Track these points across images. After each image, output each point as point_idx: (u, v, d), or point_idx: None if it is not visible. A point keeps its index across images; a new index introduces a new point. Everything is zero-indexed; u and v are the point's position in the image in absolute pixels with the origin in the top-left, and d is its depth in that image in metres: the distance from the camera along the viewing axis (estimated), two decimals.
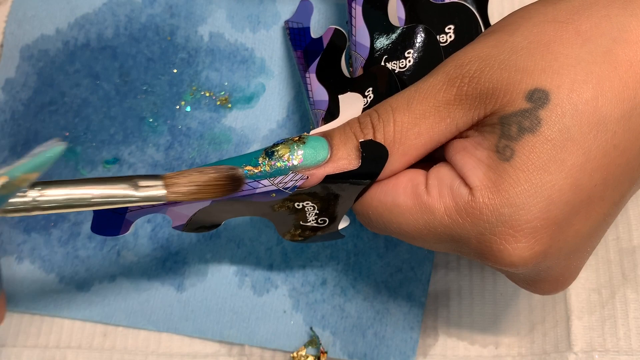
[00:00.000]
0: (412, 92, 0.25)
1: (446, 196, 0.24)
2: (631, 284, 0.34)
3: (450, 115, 0.24)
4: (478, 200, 0.23)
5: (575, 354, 0.33)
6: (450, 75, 0.24)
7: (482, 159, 0.24)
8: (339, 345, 0.35)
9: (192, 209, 0.27)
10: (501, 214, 0.23)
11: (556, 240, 0.24)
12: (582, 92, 0.22)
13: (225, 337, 0.35)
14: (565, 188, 0.23)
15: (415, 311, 0.35)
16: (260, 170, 0.25)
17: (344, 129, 0.26)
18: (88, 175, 0.37)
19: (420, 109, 0.25)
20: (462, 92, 0.24)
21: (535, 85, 0.23)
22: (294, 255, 0.36)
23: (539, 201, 0.23)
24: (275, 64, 0.39)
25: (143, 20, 0.39)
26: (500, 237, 0.23)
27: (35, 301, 0.36)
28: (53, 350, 0.35)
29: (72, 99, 0.38)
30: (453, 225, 0.24)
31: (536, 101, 0.22)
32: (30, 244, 0.37)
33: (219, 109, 0.38)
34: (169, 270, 0.36)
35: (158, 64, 0.39)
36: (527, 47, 0.23)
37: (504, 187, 0.23)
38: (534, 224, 0.23)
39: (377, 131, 0.25)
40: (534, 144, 0.22)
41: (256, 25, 0.39)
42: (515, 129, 0.23)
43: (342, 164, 0.25)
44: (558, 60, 0.23)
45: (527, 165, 0.23)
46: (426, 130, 0.25)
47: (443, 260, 0.36)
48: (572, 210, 0.23)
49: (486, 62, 0.24)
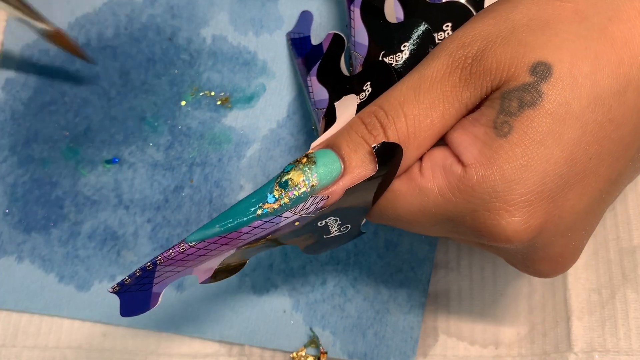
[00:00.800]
0: (415, 80, 0.25)
1: (439, 176, 0.24)
2: (631, 284, 0.34)
3: (458, 98, 0.24)
4: (472, 177, 0.23)
5: (576, 354, 0.33)
6: (453, 56, 0.24)
7: (478, 136, 0.24)
8: (339, 345, 0.35)
9: (217, 261, 0.26)
10: (495, 189, 0.23)
11: (551, 215, 0.24)
12: (581, 66, 0.23)
13: (225, 337, 0.35)
14: (560, 161, 0.23)
15: (415, 311, 0.35)
16: (280, 205, 0.23)
17: (350, 134, 0.25)
18: (88, 176, 0.37)
19: (429, 99, 0.24)
20: (467, 72, 0.24)
21: (539, 59, 0.23)
22: (294, 255, 0.36)
23: (534, 175, 0.23)
24: (276, 66, 0.39)
25: (144, 20, 0.39)
26: (494, 212, 0.23)
27: (35, 301, 0.36)
28: (53, 350, 0.35)
29: (72, 99, 0.38)
30: (447, 205, 0.24)
31: (539, 74, 0.22)
32: (30, 244, 0.37)
33: (219, 109, 0.38)
34: None
35: (158, 64, 0.39)
36: (528, 24, 0.23)
37: (499, 163, 0.23)
38: (528, 197, 0.23)
39: (388, 129, 0.24)
40: (533, 118, 0.23)
41: (259, 29, 0.39)
42: (516, 104, 0.23)
43: (358, 173, 0.24)
44: (558, 35, 0.23)
45: (524, 140, 0.23)
46: (438, 119, 0.24)
47: (443, 260, 0.36)
48: (567, 184, 0.23)
49: (488, 39, 0.24)
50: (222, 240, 0.24)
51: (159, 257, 0.24)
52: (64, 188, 0.37)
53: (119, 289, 0.25)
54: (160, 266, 0.24)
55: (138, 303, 0.26)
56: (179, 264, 0.25)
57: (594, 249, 0.35)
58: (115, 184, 0.37)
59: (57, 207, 0.37)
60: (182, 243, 0.24)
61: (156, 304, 0.27)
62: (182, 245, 0.24)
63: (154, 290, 0.26)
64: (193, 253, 0.24)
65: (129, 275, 0.24)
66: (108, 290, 0.25)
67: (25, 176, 0.38)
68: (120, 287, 0.25)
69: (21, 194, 0.37)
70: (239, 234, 0.24)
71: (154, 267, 0.24)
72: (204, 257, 0.25)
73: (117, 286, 0.25)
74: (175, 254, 0.24)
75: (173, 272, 0.25)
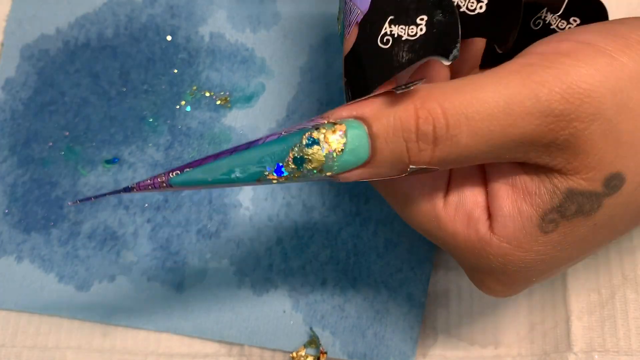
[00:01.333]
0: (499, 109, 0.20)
1: (461, 222, 0.23)
2: (631, 284, 0.34)
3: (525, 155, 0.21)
4: (494, 246, 0.23)
5: (575, 354, 0.33)
6: (554, 110, 0.19)
7: (522, 214, 0.22)
8: (339, 345, 0.35)
9: None
10: (508, 269, 0.23)
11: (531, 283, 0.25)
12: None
13: (225, 337, 0.35)
14: (573, 258, 0.24)
15: (415, 311, 0.35)
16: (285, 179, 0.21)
17: (394, 127, 0.20)
18: (88, 176, 0.37)
19: (500, 140, 0.20)
20: (554, 137, 0.20)
21: (619, 169, 0.20)
22: (294, 255, 0.36)
23: (547, 269, 0.23)
24: (275, 64, 0.39)
25: (143, 20, 0.39)
26: (495, 279, 0.24)
27: (35, 301, 0.36)
28: (52, 350, 0.35)
29: (72, 99, 0.38)
30: (455, 245, 0.24)
31: (611, 188, 0.21)
32: (30, 244, 0.37)
33: (219, 109, 0.38)
34: (168, 270, 0.36)
35: (158, 64, 0.39)
36: (633, 131, 0.20)
37: (525, 253, 0.23)
38: (529, 280, 0.24)
39: (438, 150, 0.20)
40: (579, 225, 0.22)
41: (256, 26, 0.39)
42: (574, 209, 0.21)
43: (381, 172, 0.21)
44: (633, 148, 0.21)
45: (559, 242, 0.22)
46: (491, 159, 0.21)
47: (443, 260, 0.36)
48: (559, 270, 0.24)
49: (598, 112, 0.20)
50: (204, 187, 0.22)
51: (134, 186, 0.22)
52: (63, 188, 0.37)
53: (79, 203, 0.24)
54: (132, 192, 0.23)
55: None
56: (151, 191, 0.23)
57: None
58: (115, 184, 0.37)
59: (57, 207, 0.37)
60: (163, 182, 0.22)
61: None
62: (163, 184, 0.22)
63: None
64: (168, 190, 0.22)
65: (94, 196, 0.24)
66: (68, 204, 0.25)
67: (25, 176, 0.38)
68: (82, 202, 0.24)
69: (21, 194, 0.37)
70: (224, 185, 0.22)
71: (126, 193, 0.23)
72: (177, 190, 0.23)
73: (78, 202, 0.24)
74: (152, 187, 0.22)
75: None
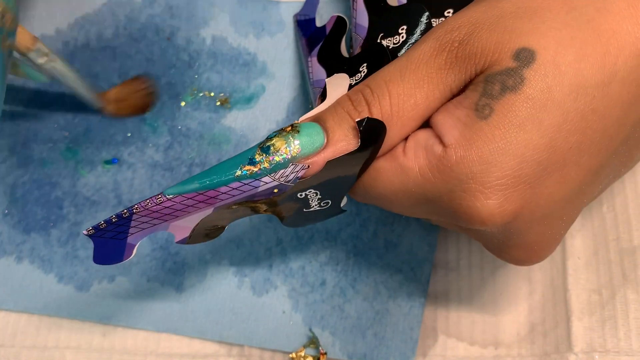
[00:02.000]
0: (403, 62, 0.25)
1: (421, 156, 0.25)
2: (631, 284, 0.34)
3: (443, 80, 0.24)
4: (451, 157, 0.23)
5: (576, 354, 0.33)
6: (440, 40, 0.24)
7: (460, 118, 0.24)
8: (339, 345, 0.35)
9: (194, 220, 0.26)
10: (472, 171, 0.23)
11: (527, 201, 0.24)
12: (566, 54, 0.23)
13: (225, 337, 0.35)
14: (539, 147, 0.23)
15: (415, 311, 0.35)
16: (259, 168, 0.24)
17: (336, 109, 0.25)
18: (88, 176, 0.37)
19: (414, 79, 0.25)
20: (453, 55, 0.24)
21: (523, 45, 0.23)
22: (294, 256, 0.36)
23: (511, 158, 0.23)
24: (276, 67, 0.39)
25: (143, 20, 0.39)
26: (470, 193, 0.23)
27: (34, 301, 0.36)
28: (52, 350, 0.35)
29: (71, 99, 0.38)
30: (425, 184, 0.24)
31: (522, 60, 0.23)
32: (29, 244, 0.37)
33: (219, 110, 0.38)
34: (168, 270, 0.36)
35: (158, 65, 0.39)
36: (516, 12, 0.24)
37: (478, 145, 0.23)
38: (504, 181, 0.23)
39: (373, 106, 0.25)
40: (513, 102, 0.23)
41: (260, 32, 0.39)
42: (498, 87, 0.23)
43: (340, 146, 0.25)
44: (545, 23, 0.23)
45: (504, 123, 0.23)
46: (422, 100, 0.25)
47: (443, 260, 0.36)
48: (545, 171, 0.23)
49: (476, 25, 0.24)
50: (200, 197, 0.24)
51: (136, 205, 0.24)
52: (63, 188, 0.37)
53: (93, 232, 0.25)
54: (136, 215, 0.24)
55: (112, 252, 0.26)
56: (155, 215, 0.25)
57: (594, 249, 0.35)
58: (115, 185, 0.37)
59: (56, 208, 0.37)
60: (160, 195, 0.24)
61: (130, 255, 0.27)
62: (160, 197, 0.24)
63: (128, 241, 0.26)
64: (170, 206, 0.24)
65: (104, 220, 0.25)
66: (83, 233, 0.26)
67: (25, 176, 0.38)
68: (95, 231, 0.25)
69: (21, 195, 0.37)
70: (217, 193, 0.24)
71: (130, 216, 0.24)
72: (181, 212, 0.25)
73: (92, 229, 0.25)
74: (152, 205, 0.24)
75: (149, 224, 0.25)
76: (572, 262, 0.35)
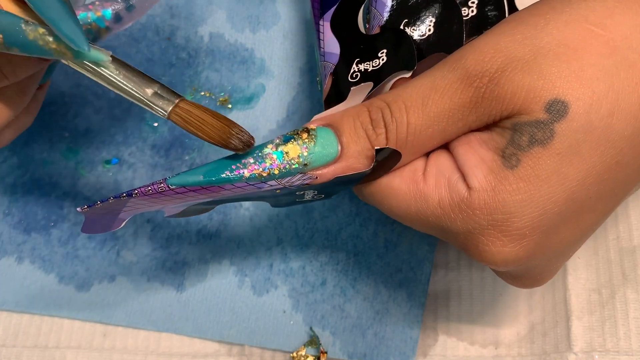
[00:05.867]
0: (427, 88, 0.24)
1: (442, 188, 0.24)
2: (631, 284, 0.34)
3: (464, 119, 0.24)
4: (474, 201, 0.23)
5: (575, 354, 0.33)
6: (470, 72, 0.23)
7: (485, 160, 0.23)
8: (339, 345, 0.35)
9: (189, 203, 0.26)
10: (494, 218, 0.23)
11: (541, 247, 0.24)
12: (599, 108, 0.22)
13: (225, 337, 0.35)
14: (560, 200, 0.23)
15: (415, 311, 0.35)
16: (269, 174, 0.24)
17: (355, 124, 0.25)
18: (88, 176, 0.37)
19: (435, 111, 0.24)
20: (480, 94, 0.23)
21: (556, 96, 0.22)
22: (294, 256, 0.36)
23: (533, 211, 0.23)
24: (275, 65, 0.39)
25: (143, 20, 0.39)
26: (487, 238, 0.24)
27: (35, 301, 0.36)
28: (53, 350, 0.35)
29: (72, 99, 0.38)
30: (444, 217, 0.24)
31: (554, 113, 0.22)
32: (30, 244, 0.37)
33: (219, 110, 0.38)
34: (168, 270, 0.36)
35: (157, 64, 0.39)
36: (555, 51, 0.23)
37: (502, 195, 0.23)
38: (523, 230, 0.23)
39: (390, 132, 0.24)
40: (541, 156, 0.22)
41: (256, 26, 0.39)
42: (527, 139, 0.22)
43: (351, 162, 0.24)
44: (583, 70, 0.22)
45: (530, 177, 0.23)
46: (439, 133, 0.24)
47: (443, 260, 0.36)
48: (562, 220, 0.23)
49: (509, 60, 0.23)
50: (202, 191, 0.24)
51: (136, 191, 0.24)
52: (63, 188, 0.37)
53: (88, 210, 0.25)
54: (134, 198, 0.24)
55: (102, 224, 0.26)
56: (153, 200, 0.25)
57: (594, 249, 0.35)
58: (115, 185, 0.37)
59: (57, 208, 0.37)
60: (162, 183, 0.24)
61: (119, 226, 0.27)
62: (162, 185, 0.24)
63: (120, 216, 0.26)
64: (170, 195, 0.24)
65: (100, 200, 0.25)
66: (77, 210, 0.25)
67: (25, 176, 0.38)
68: (89, 209, 0.25)
69: (21, 194, 0.37)
70: (220, 189, 0.24)
71: (128, 199, 0.24)
72: (179, 199, 0.25)
73: (87, 207, 0.25)
74: (153, 192, 0.24)
75: (144, 206, 0.25)
76: (572, 262, 0.35)
